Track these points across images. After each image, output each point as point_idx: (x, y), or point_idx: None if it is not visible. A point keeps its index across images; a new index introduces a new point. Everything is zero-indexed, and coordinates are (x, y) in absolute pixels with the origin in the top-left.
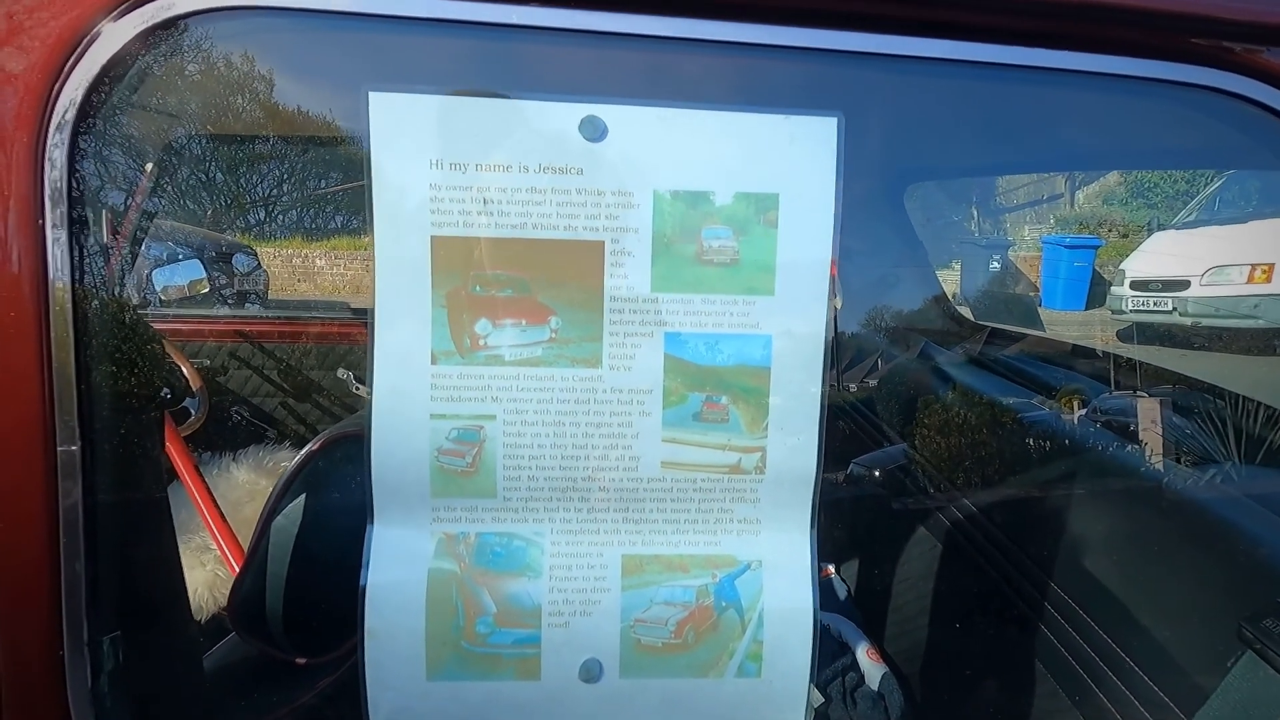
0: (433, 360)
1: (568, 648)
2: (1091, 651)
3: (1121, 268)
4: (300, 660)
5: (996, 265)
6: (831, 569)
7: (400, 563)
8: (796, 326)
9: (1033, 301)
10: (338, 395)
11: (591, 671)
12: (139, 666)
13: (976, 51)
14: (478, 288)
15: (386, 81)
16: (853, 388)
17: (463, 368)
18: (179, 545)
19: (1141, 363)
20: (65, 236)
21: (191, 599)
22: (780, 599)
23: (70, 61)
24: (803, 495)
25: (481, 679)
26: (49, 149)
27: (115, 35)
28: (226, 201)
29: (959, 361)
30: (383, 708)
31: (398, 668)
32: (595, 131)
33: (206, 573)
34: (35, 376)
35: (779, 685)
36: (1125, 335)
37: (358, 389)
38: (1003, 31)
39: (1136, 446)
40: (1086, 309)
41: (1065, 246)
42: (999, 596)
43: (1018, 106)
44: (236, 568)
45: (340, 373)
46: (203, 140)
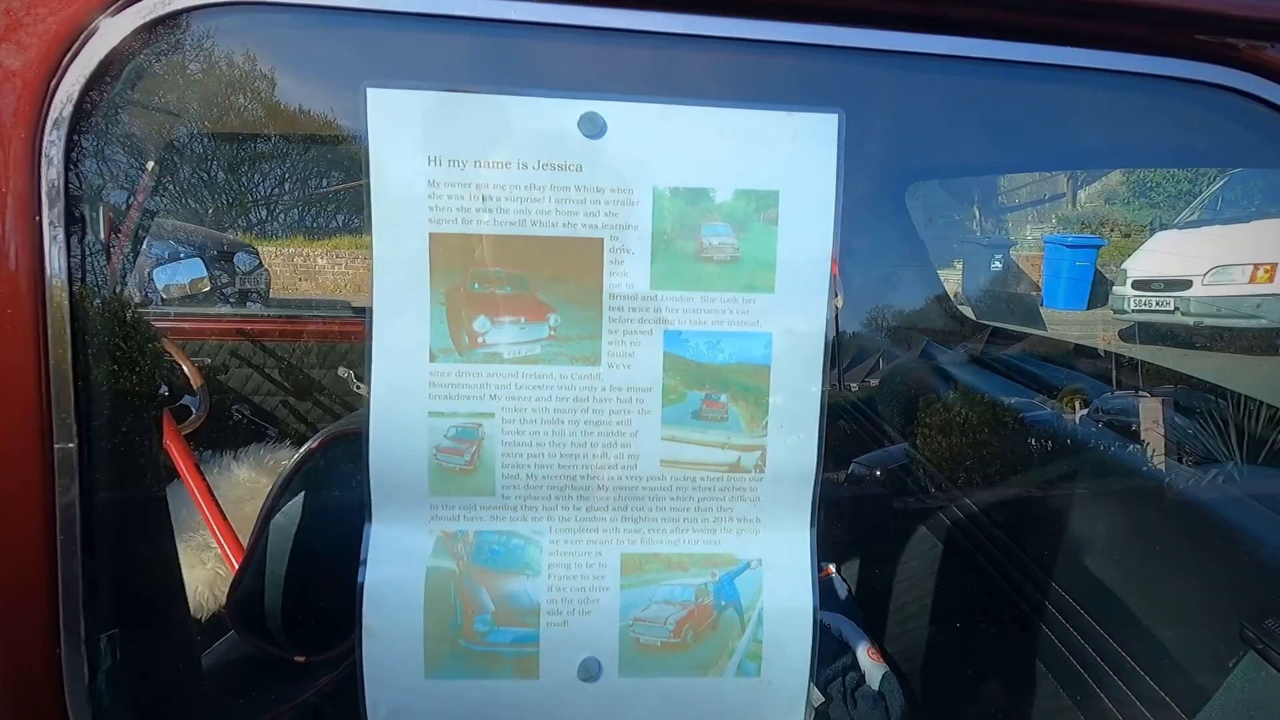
0: (431, 358)
1: (566, 646)
2: (1093, 651)
3: (1124, 267)
4: (299, 658)
5: (998, 264)
6: (832, 568)
7: (398, 561)
8: (796, 324)
9: (1034, 301)
10: (338, 394)
11: (590, 670)
12: (136, 664)
13: (978, 48)
14: (476, 285)
15: (386, 78)
16: (854, 387)
17: (461, 365)
18: (180, 544)
19: (1143, 362)
20: (62, 234)
21: (193, 597)
22: (780, 598)
23: (67, 57)
24: (802, 494)
25: (480, 677)
26: (46, 146)
27: (113, 30)
28: (227, 200)
29: (960, 361)
30: (381, 706)
31: (396, 666)
32: (594, 128)
33: (207, 571)
34: (32, 374)
35: (778, 684)
36: (1127, 335)
37: (358, 387)
38: (1005, 28)
39: (1138, 446)
40: (1088, 308)
41: (1067, 246)
42: (1000, 596)
43: (1020, 104)
44: (237, 566)
45: (341, 371)
46: (202, 137)
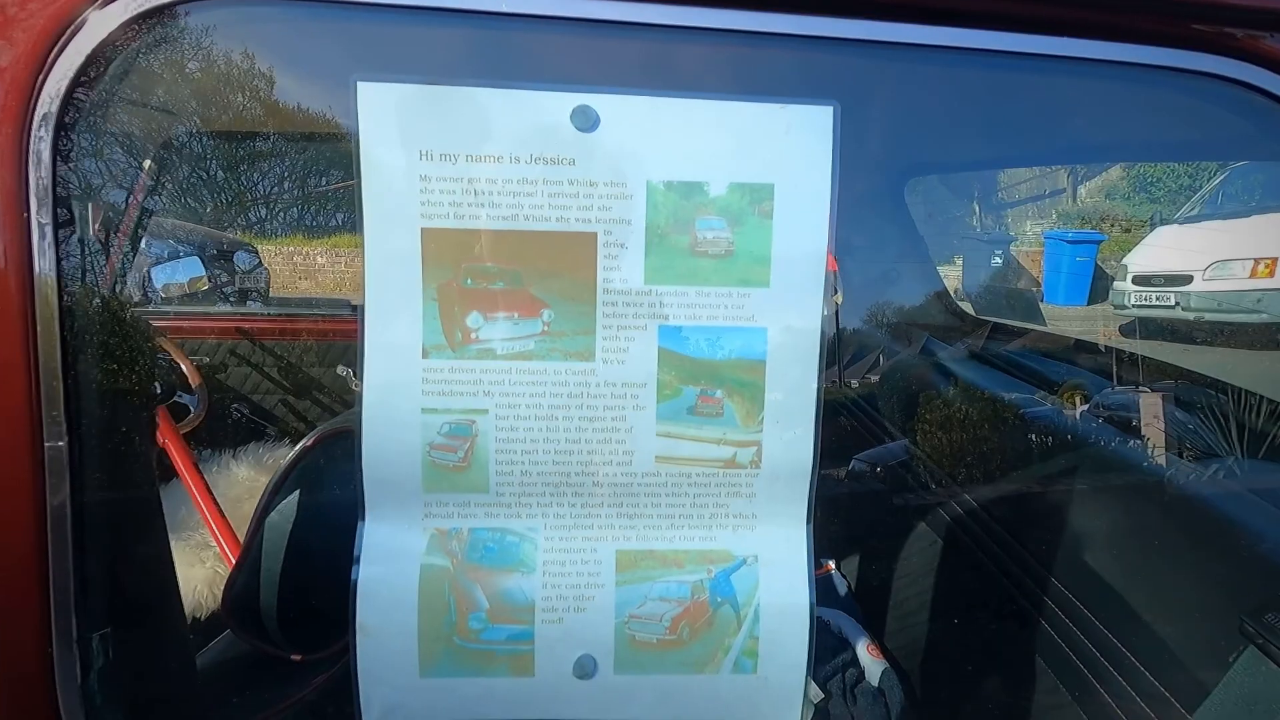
0: (424, 354)
1: (561, 644)
2: (1093, 647)
3: (1124, 262)
4: (295, 656)
5: (998, 260)
6: (832, 564)
7: (392, 558)
8: (792, 319)
9: (1034, 296)
10: (337, 392)
11: (585, 668)
12: (130, 663)
13: (976, 39)
14: (469, 280)
15: (379, 71)
16: (854, 383)
17: (454, 361)
18: (179, 543)
19: (1144, 358)
20: (51, 231)
21: (191, 596)
22: (776, 594)
23: (54, 52)
24: (799, 489)
25: (475, 675)
26: (34, 143)
27: (101, 24)
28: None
29: (961, 357)
30: (375, 704)
31: (390, 664)
32: (587, 121)
33: (206, 570)
34: (22, 372)
35: (775, 681)
36: (1128, 330)
37: (357, 385)
38: (1002, 18)
39: (1138, 442)
40: (1089, 304)
41: (1067, 241)
42: (1000, 592)
43: (1017, 95)
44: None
45: (339, 369)
46: (193, 134)
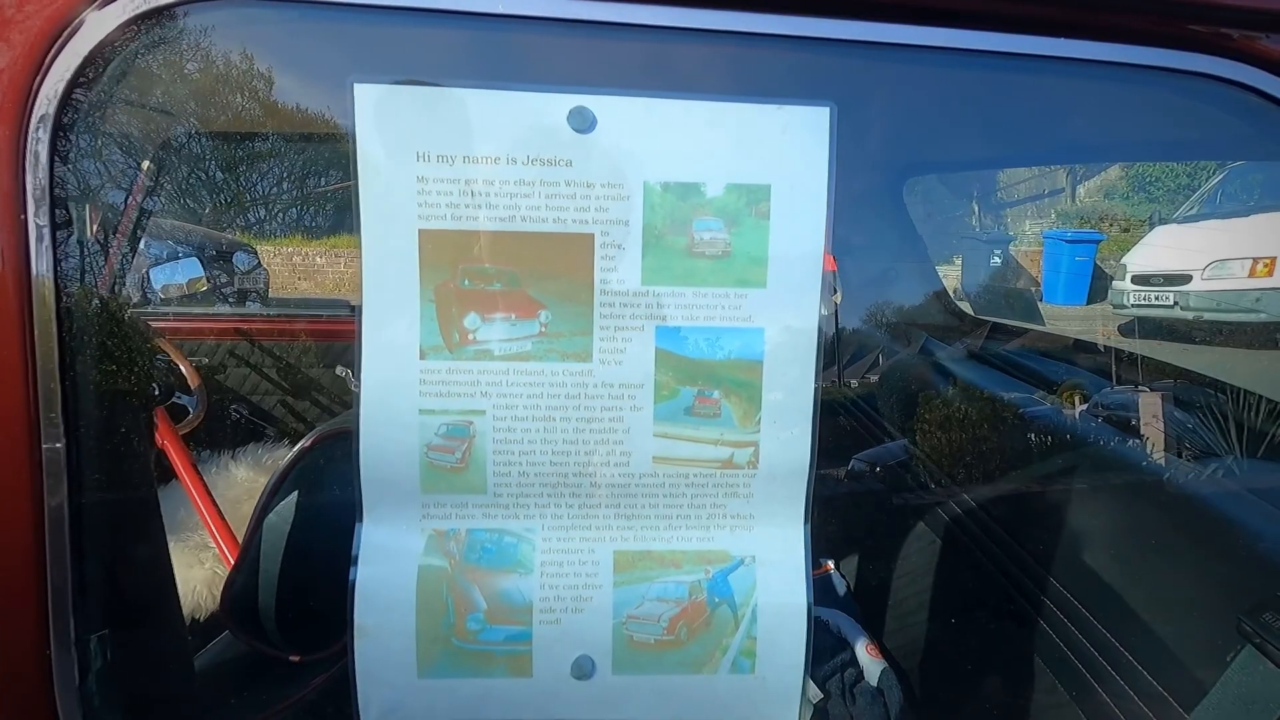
0: (421, 355)
1: (559, 644)
2: (1090, 646)
3: (1123, 262)
4: (294, 657)
5: (997, 260)
6: (831, 564)
7: (390, 559)
8: (789, 319)
9: (1033, 296)
10: (336, 393)
11: (583, 668)
12: (128, 665)
13: (971, 39)
14: (466, 281)
15: (377, 73)
16: (853, 383)
17: (451, 362)
18: (178, 544)
19: (1143, 357)
20: (49, 232)
21: (190, 597)
22: (774, 594)
23: (51, 53)
24: (796, 490)
25: (473, 676)
26: (31, 144)
27: (98, 25)
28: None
29: (960, 357)
30: (374, 704)
31: (388, 665)
32: (584, 122)
33: (205, 571)
34: (20, 374)
35: (773, 681)
36: (1126, 330)
37: (356, 386)
38: (998, 19)
39: (1137, 441)
40: (1088, 303)
41: (1066, 241)
42: (998, 592)
43: (1014, 96)
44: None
45: (339, 370)
46: (191, 134)
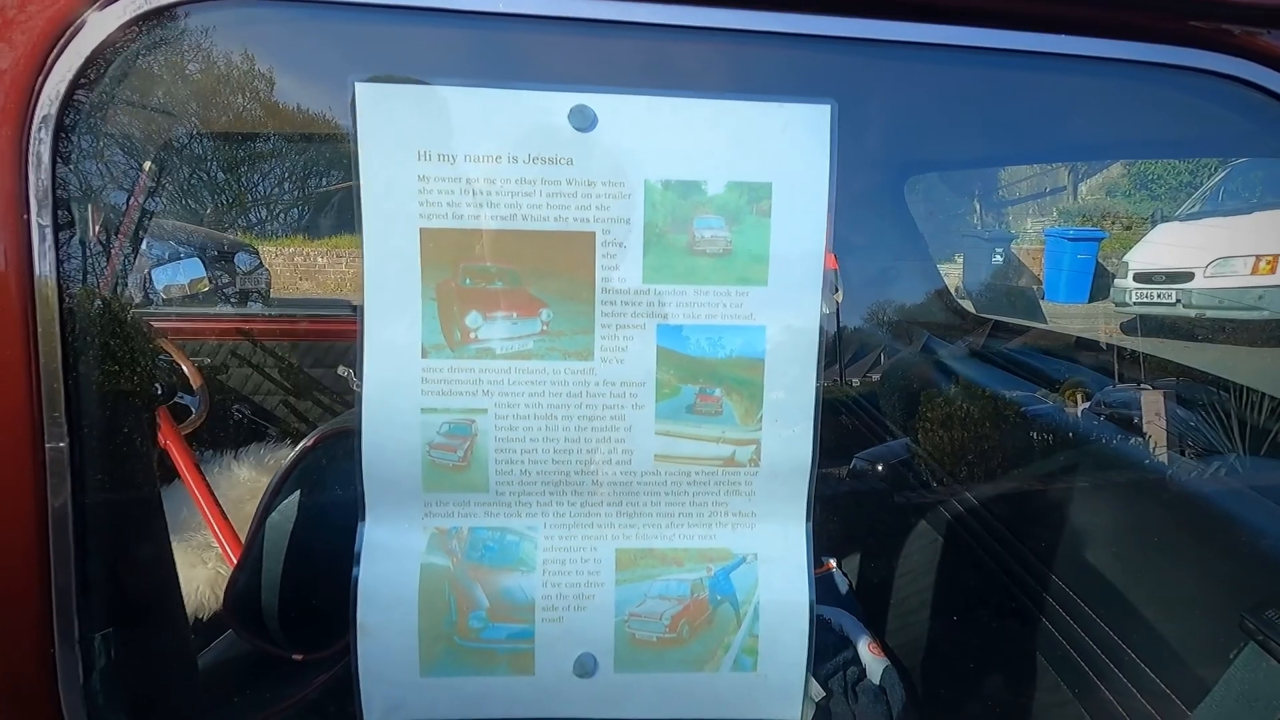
0: (423, 354)
1: (561, 642)
2: (1093, 644)
3: (1125, 260)
4: (297, 656)
5: (999, 258)
6: (833, 563)
7: (392, 558)
8: (790, 317)
9: (1035, 294)
10: (338, 393)
11: (586, 666)
12: (131, 663)
13: (973, 36)
14: (468, 280)
15: (378, 72)
16: (855, 382)
17: (453, 361)
18: (181, 543)
19: (1145, 355)
20: (51, 233)
21: (193, 597)
22: (776, 592)
23: (53, 54)
24: (798, 487)
25: (475, 674)
26: (33, 144)
27: (100, 25)
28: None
29: (961, 355)
30: (377, 703)
31: (391, 663)
32: (585, 121)
33: (208, 570)
34: (22, 374)
35: (775, 679)
36: (1129, 328)
37: (358, 386)
38: (1000, 16)
39: (1140, 439)
40: (1090, 301)
41: (1068, 239)
42: (1001, 590)
43: (1015, 93)
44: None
45: (340, 370)
46: (193, 135)
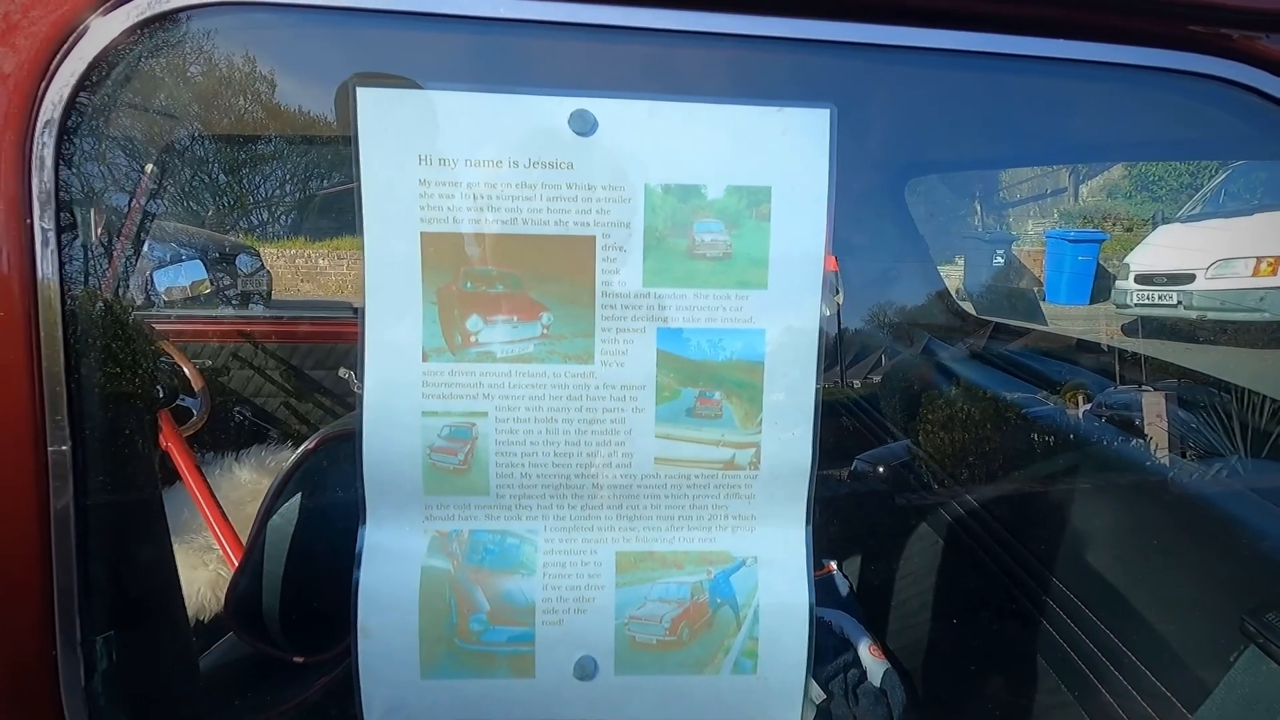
0: (424, 357)
1: (562, 645)
2: (1094, 647)
3: (1126, 261)
4: (298, 658)
5: (1000, 260)
6: (834, 565)
7: (393, 561)
8: (790, 320)
9: (1036, 296)
10: (340, 395)
11: (586, 669)
12: (133, 666)
13: (972, 41)
14: (469, 284)
15: (378, 76)
16: (856, 384)
17: (454, 365)
18: (182, 545)
19: (1146, 357)
20: (54, 237)
21: (195, 599)
22: (776, 595)
23: (57, 59)
24: (798, 490)
25: (475, 676)
26: (37, 148)
27: (103, 30)
28: (225, 202)
29: (962, 357)
30: (377, 705)
31: (392, 665)
32: (585, 125)
33: (209, 572)
34: (25, 376)
35: (775, 681)
36: (1130, 329)
37: (359, 388)
38: (998, 20)
39: (1141, 441)
40: (1091, 303)
41: (1069, 241)
42: (1002, 592)
43: (1014, 97)
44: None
45: (342, 372)
46: (195, 138)
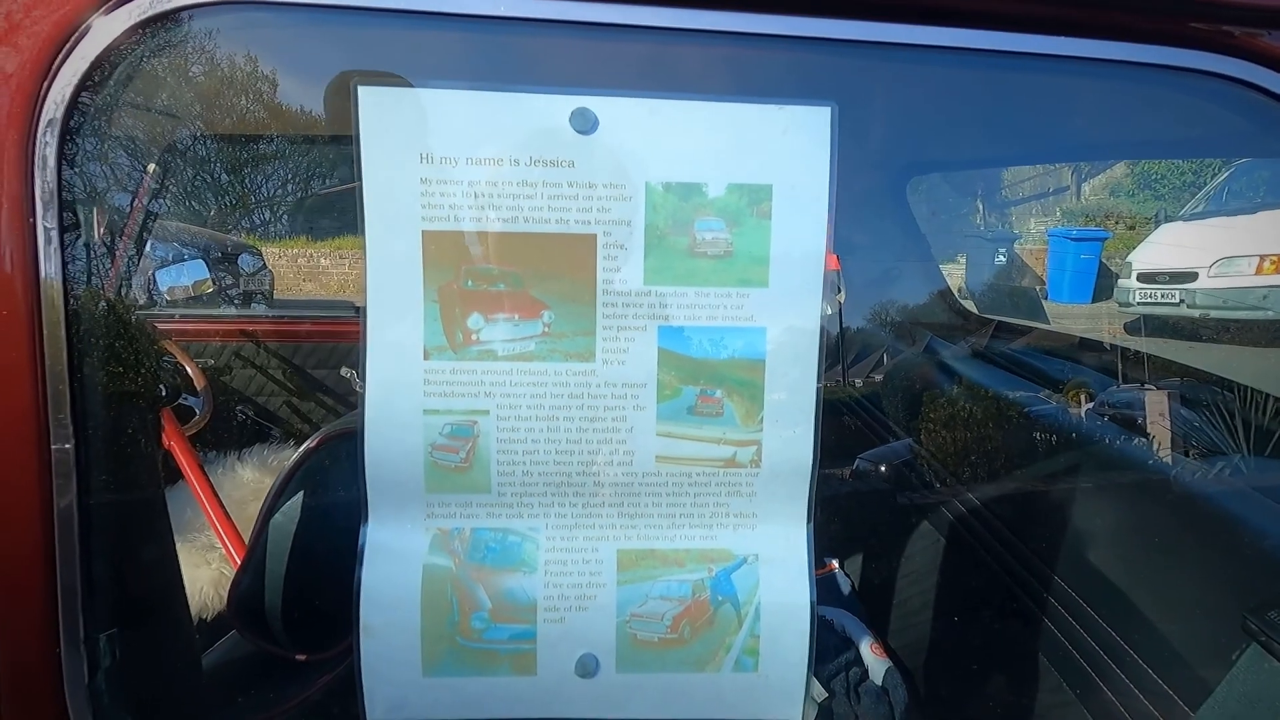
0: (425, 355)
1: (563, 643)
2: (1096, 645)
3: (1128, 260)
4: (300, 656)
5: (1002, 258)
6: (835, 564)
7: (395, 559)
8: (791, 319)
9: (1038, 294)
10: (342, 394)
11: (587, 666)
12: (136, 664)
13: (973, 39)
14: (470, 282)
15: (380, 75)
16: (858, 383)
17: (455, 363)
18: (185, 544)
19: (1149, 355)
20: (57, 236)
21: (197, 597)
22: (777, 593)
23: (59, 58)
24: (799, 488)
25: (477, 674)
26: (39, 148)
27: (105, 30)
28: (228, 201)
29: (964, 356)
30: (379, 703)
31: (394, 663)
32: (586, 124)
33: (212, 571)
34: (28, 376)
35: (776, 679)
36: (1132, 328)
37: (361, 387)
38: (1000, 18)
39: (1144, 440)
40: (1093, 302)
41: (1071, 239)
42: (1003, 591)
43: (1016, 95)
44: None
45: (343, 371)
46: (197, 137)
